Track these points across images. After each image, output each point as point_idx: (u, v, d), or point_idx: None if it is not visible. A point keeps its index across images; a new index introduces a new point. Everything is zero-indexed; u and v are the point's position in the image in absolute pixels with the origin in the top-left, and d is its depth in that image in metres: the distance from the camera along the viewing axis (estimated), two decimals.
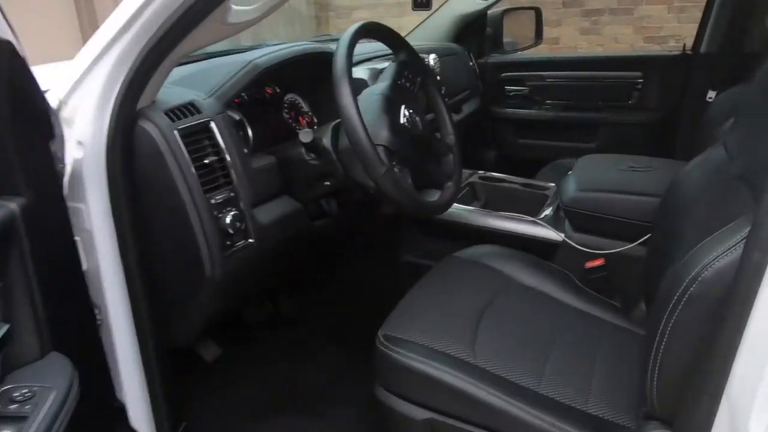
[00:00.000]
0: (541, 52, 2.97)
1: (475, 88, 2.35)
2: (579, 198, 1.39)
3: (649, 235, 1.31)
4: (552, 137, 2.41)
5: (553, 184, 1.73)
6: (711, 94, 2.05)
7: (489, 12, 2.40)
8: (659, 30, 4.83)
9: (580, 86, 2.32)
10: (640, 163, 1.52)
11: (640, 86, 2.23)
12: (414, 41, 2.36)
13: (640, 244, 1.34)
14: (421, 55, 1.79)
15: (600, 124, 2.29)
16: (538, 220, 1.48)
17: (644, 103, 2.24)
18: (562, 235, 1.44)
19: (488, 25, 2.44)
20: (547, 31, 5.00)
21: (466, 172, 1.82)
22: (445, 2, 2.32)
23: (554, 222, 1.49)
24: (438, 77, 1.79)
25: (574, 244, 1.41)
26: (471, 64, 2.36)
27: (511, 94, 2.44)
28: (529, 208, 1.61)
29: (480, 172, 1.82)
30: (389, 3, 5.23)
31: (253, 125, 1.25)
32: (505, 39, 2.50)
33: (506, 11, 2.48)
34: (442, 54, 2.10)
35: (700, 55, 2.09)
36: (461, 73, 2.24)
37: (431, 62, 1.75)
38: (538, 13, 2.56)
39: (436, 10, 2.34)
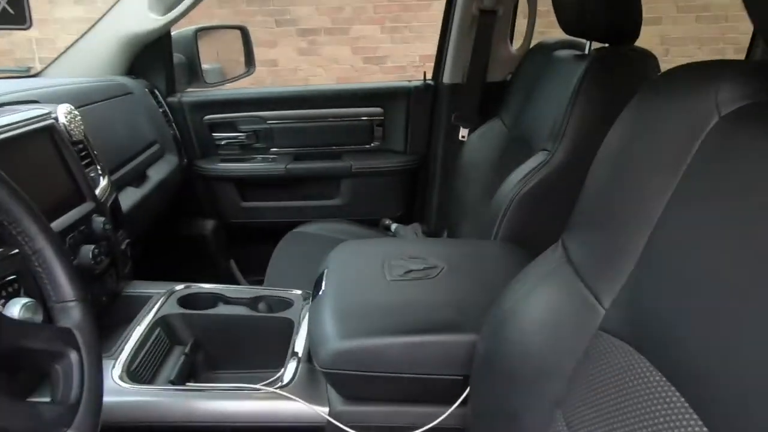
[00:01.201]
0: (259, 77, 2.42)
1: (168, 140, 1.64)
2: (345, 353, 0.80)
3: (467, 392, 0.80)
4: (286, 196, 1.83)
5: (299, 293, 1.13)
6: (463, 132, 1.72)
7: (175, 33, 1.70)
8: (375, 50, 4.72)
9: (310, 128, 1.79)
10: (420, 254, 1.01)
11: (381, 125, 1.80)
12: (55, 77, 1.55)
13: (459, 407, 0.82)
14: (43, 105, 1.03)
15: (342, 176, 1.80)
16: (280, 391, 0.86)
17: (390, 145, 1.82)
18: (326, 410, 0.85)
19: (177, 49, 1.74)
20: (263, 53, 4.52)
21: (155, 291, 1.11)
22: (102, 17, 1.55)
23: (310, 383, 0.89)
24: (82, 139, 1.05)
25: (346, 429, 0.82)
26: (158, 106, 1.64)
27: (223, 143, 1.79)
28: (270, 353, 0.99)
29: (179, 287, 1.12)
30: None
31: None
32: (206, 67, 1.84)
33: (200, 30, 1.82)
34: (101, 96, 1.35)
35: (443, 86, 1.74)
36: (140, 122, 1.50)
37: (61, 118, 1.00)
38: (244, 33, 1.96)
39: (91, 28, 1.55)
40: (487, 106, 1.67)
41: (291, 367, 0.93)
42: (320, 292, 0.94)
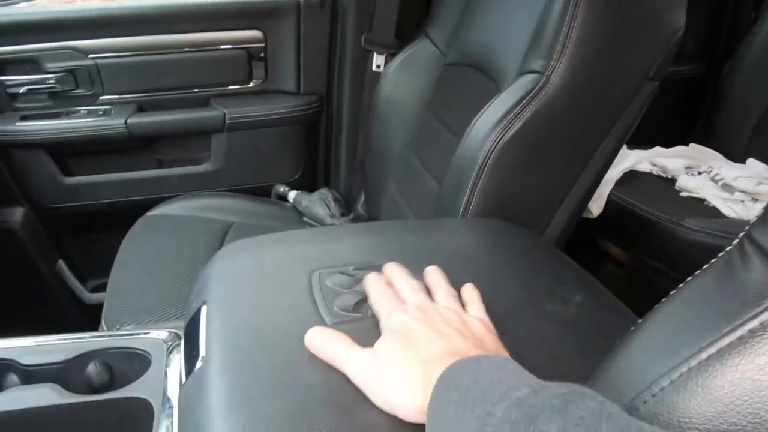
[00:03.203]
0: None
1: None
2: None
3: None
4: (131, 164, 1.29)
5: (161, 337, 0.64)
6: (378, 61, 1.27)
7: None
8: None
9: (160, 63, 1.25)
10: (368, 258, 0.57)
11: (263, 56, 1.30)
12: None
13: None
14: None
15: (213, 130, 1.29)
16: None
17: (277, 84, 1.33)
18: None
19: None
20: None
21: None
22: None
23: None
24: None
25: None
26: None
27: (22, 91, 1.19)
28: None
29: None
30: None
31: None
32: None
33: None
34: None
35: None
36: None
37: None
38: None
39: None
40: (407, 22, 1.23)
41: None
42: (198, 360, 0.47)
